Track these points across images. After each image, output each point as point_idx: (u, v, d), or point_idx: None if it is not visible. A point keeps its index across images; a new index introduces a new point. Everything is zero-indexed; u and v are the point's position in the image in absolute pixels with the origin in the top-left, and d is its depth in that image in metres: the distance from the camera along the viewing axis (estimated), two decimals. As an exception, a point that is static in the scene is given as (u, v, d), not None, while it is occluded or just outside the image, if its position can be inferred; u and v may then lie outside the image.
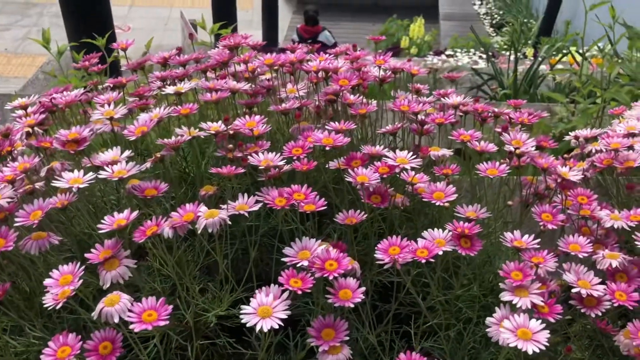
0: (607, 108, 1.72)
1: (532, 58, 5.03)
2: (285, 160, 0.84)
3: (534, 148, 0.98)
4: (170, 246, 0.85)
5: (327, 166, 0.92)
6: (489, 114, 1.13)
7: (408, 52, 6.48)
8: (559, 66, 3.52)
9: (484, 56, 5.27)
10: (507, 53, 4.90)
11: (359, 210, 0.86)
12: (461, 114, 1.14)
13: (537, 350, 0.71)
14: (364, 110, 0.97)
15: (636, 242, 0.85)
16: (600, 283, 0.85)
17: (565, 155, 1.08)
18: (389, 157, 0.87)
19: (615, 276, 0.87)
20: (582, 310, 0.83)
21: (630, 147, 1.00)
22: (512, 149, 0.96)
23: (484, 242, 0.93)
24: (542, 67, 3.74)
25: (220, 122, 0.90)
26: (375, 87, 1.16)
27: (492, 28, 7.83)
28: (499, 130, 1.05)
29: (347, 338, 0.73)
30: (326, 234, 0.99)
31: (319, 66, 1.00)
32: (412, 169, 0.85)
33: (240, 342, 0.85)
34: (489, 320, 0.78)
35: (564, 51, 3.65)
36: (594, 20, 2.80)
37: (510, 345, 0.72)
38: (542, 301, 0.77)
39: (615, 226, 0.90)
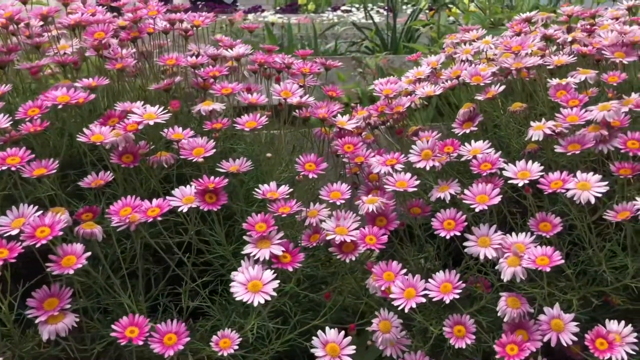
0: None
1: (427, 11, 5.11)
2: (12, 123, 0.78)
3: (309, 98, 0.97)
4: None
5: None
6: (282, 64, 1.10)
7: (306, 8, 6.39)
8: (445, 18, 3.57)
9: (381, 11, 5.29)
10: (404, 7, 4.94)
11: (109, 172, 0.82)
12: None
13: (262, 302, 0.71)
14: (120, 65, 0.91)
15: (386, 186, 0.86)
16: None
17: (352, 105, 1.08)
18: (137, 113, 0.82)
19: (376, 220, 0.88)
20: (339, 257, 0.84)
21: (406, 93, 1.01)
22: (281, 100, 0.94)
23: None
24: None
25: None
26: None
27: (394, -18, 7.83)
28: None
29: (69, 306, 0.70)
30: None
31: (77, 20, 0.93)
32: (157, 124, 0.81)
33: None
34: (232, 274, 0.77)
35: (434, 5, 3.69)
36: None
37: (237, 299, 0.71)
38: (283, 251, 0.77)
39: (382, 171, 0.91)
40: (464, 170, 1.00)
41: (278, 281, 0.72)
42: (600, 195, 0.75)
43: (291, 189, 0.83)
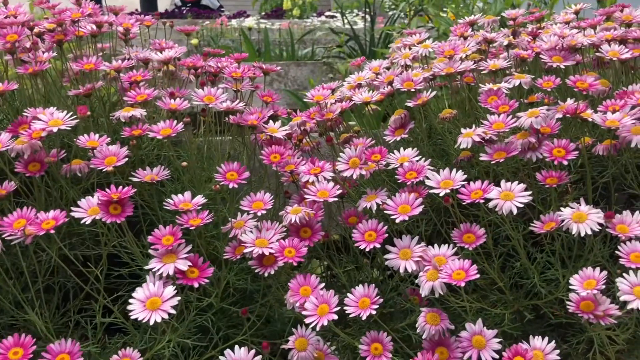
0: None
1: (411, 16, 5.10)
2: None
3: (236, 103, 0.93)
4: None
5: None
6: (217, 68, 1.06)
7: (291, 14, 6.36)
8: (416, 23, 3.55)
9: (366, 16, 5.28)
10: (390, 13, 4.93)
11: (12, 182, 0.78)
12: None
13: (159, 320, 0.67)
14: (32, 69, 0.87)
15: (307, 196, 0.82)
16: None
17: (290, 110, 1.04)
18: (42, 120, 0.78)
19: (300, 231, 0.84)
20: (257, 271, 0.79)
21: (348, 99, 0.97)
22: (204, 106, 0.90)
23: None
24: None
25: None
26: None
27: (381, -11, 7.84)
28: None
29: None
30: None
31: (-9, 22, 0.89)
32: (61, 130, 0.77)
33: None
34: (135, 290, 0.72)
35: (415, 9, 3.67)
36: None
37: (133, 317, 0.67)
38: (190, 266, 0.73)
39: (311, 180, 0.87)
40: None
41: (179, 298, 0.68)
42: (522, 205, 0.72)
43: (205, 200, 0.79)
